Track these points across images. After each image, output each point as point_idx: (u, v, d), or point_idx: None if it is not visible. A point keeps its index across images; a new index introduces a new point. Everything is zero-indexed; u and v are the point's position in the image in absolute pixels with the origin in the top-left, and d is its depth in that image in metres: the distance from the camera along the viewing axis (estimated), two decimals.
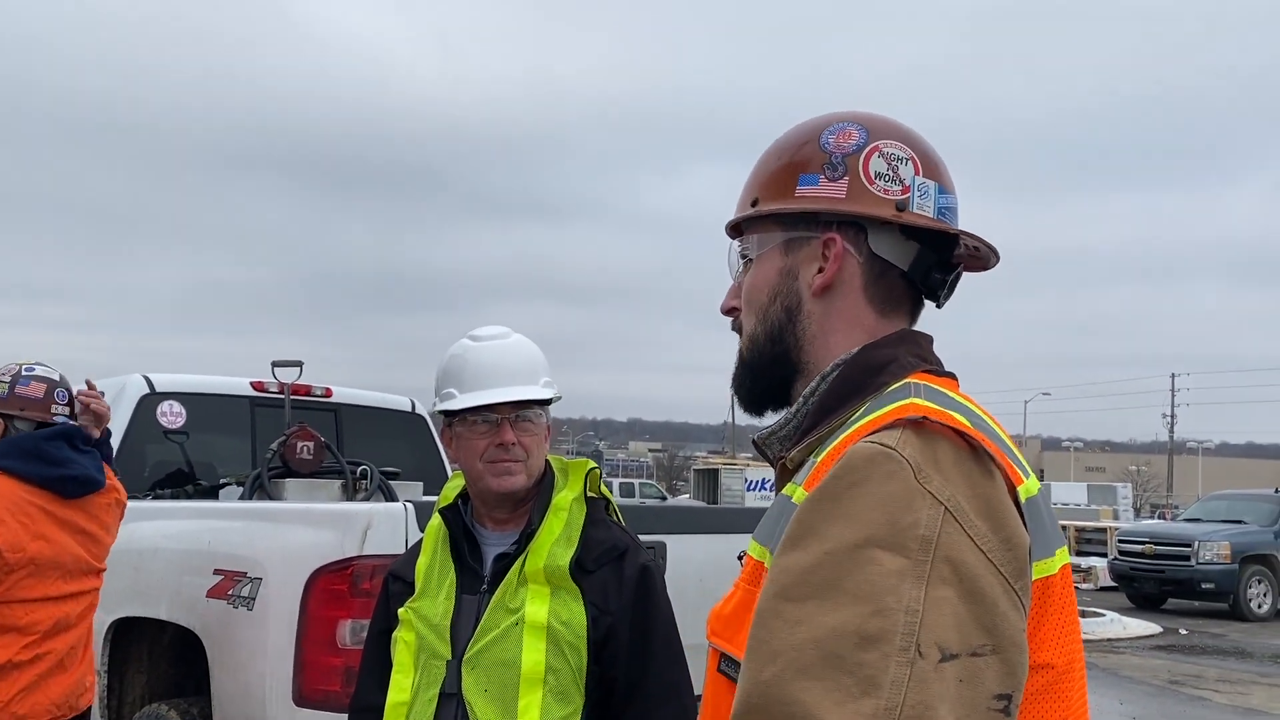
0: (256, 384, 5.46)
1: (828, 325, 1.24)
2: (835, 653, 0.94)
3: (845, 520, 0.98)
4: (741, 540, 4.31)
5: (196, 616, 3.63)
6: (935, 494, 0.99)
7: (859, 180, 1.22)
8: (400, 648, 2.09)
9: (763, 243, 1.28)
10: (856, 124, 1.26)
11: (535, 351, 2.19)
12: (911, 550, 0.96)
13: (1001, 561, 0.99)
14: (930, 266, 1.25)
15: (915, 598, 0.95)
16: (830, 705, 0.92)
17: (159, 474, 5.20)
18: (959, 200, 1.28)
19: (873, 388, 1.16)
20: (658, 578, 2.13)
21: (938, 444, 1.03)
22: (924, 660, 0.93)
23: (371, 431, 5.86)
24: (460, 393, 2.11)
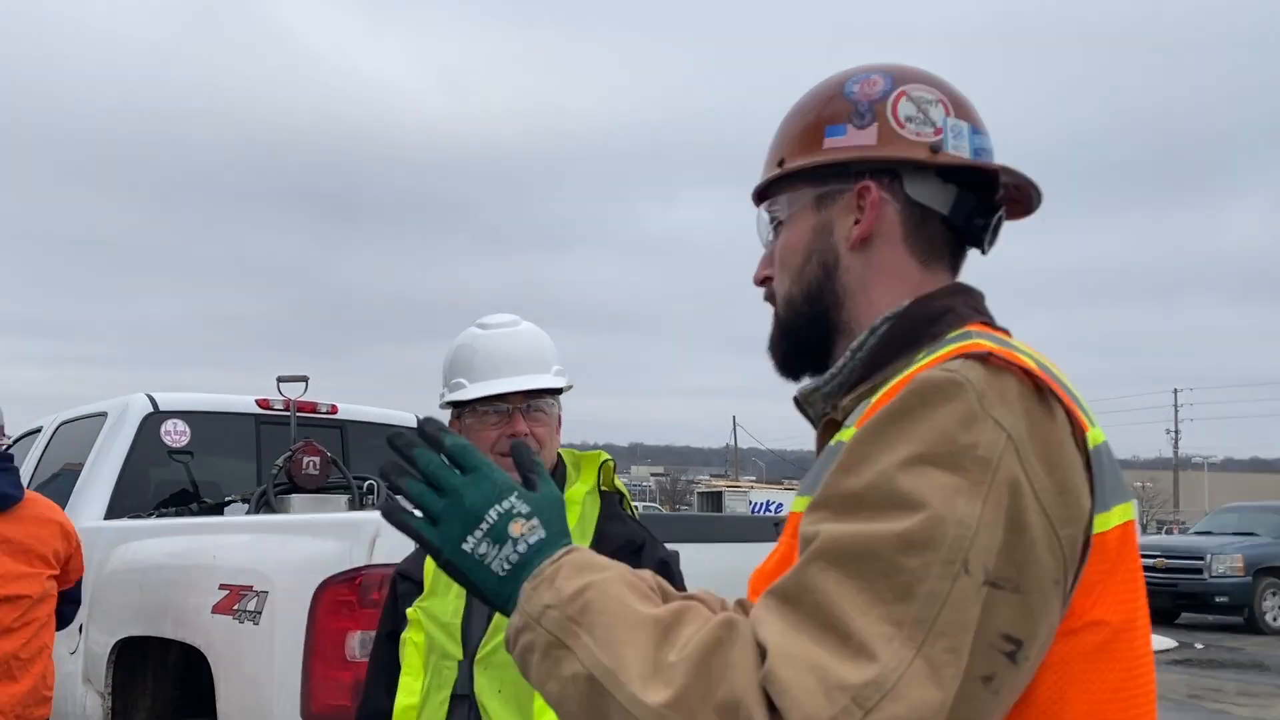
0: (262, 401, 5.41)
1: (868, 279, 1.20)
2: (874, 551, 0.90)
3: (899, 440, 0.94)
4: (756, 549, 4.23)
5: (202, 633, 3.56)
6: (998, 420, 0.95)
7: (889, 125, 1.19)
8: (409, 649, 2.02)
9: (793, 202, 1.25)
10: (880, 72, 1.23)
11: (545, 339, 2.14)
12: (968, 469, 0.92)
13: (1051, 505, 0.95)
14: (971, 210, 1.21)
15: (970, 513, 0.91)
16: (860, 604, 0.88)
17: (163, 493, 5.14)
18: (993, 143, 1.24)
19: (927, 338, 1.12)
20: (677, 572, 2.06)
21: (1003, 378, 0.99)
22: (968, 578, 0.89)
23: (378, 447, 5.80)
24: (470, 383, 2.05)
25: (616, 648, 0.93)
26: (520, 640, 1.00)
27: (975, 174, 1.20)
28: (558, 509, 1.07)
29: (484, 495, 1.02)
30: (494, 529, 1.02)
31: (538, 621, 0.98)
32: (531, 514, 1.03)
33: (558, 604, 0.97)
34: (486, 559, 1.02)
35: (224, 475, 5.53)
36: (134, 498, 4.92)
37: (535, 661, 0.99)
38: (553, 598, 0.98)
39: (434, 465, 1.04)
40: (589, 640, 0.94)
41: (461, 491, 1.02)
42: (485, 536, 1.01)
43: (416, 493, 1.03)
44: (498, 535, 1.02)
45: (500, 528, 1.02)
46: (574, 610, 0.96)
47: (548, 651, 0.97)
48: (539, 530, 1.03)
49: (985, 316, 1.18)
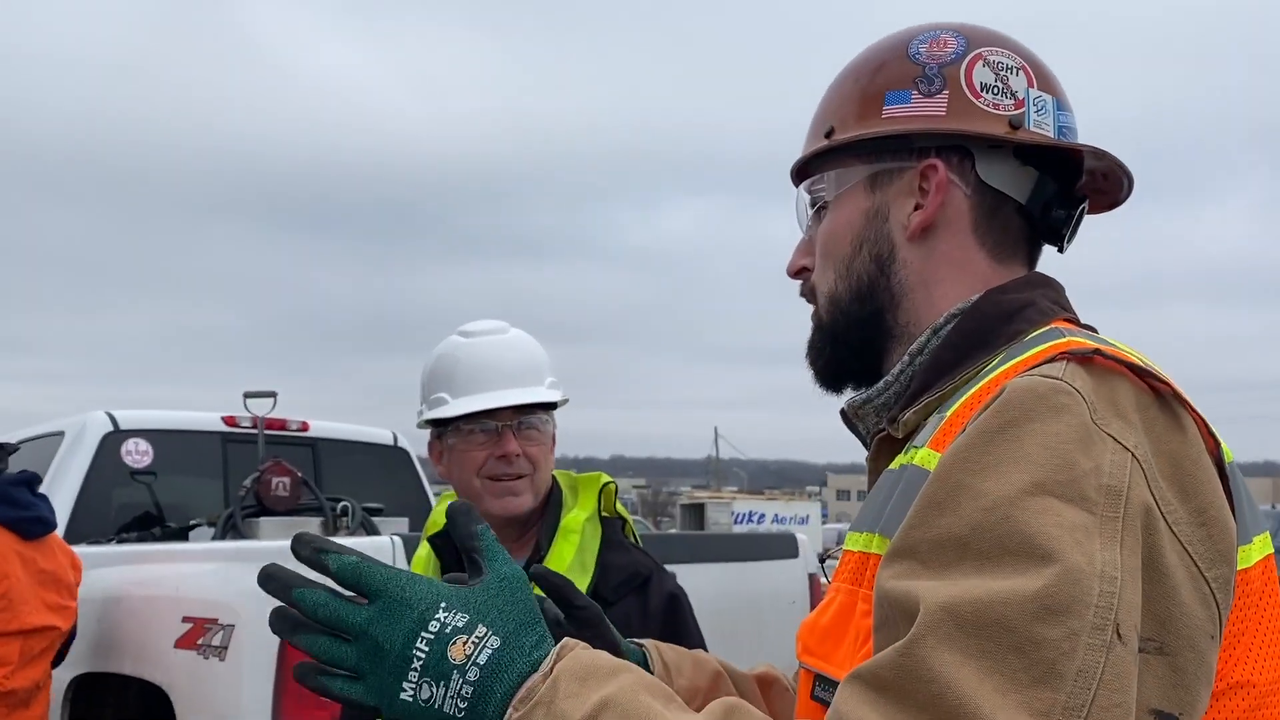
0: (228, 419, 5.16)
1: (930, 275, 1.00)
2: (1001, 621, 0.69)
3: (1006, 467, 0.75)
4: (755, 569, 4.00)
5: (163, 670, 3.31)
6: (1117, 438, 0.76)
7: (962, 94, 0.99)
8: None
9: (842, 180, 1.05)
10: (951, 31, 1.03)
11: (537, 348, 1.91)
12: (1096, 503, 0.73)
13: (1191, 540, 0.77)
14: (1051, 199, 1.01)
15: (1111, 561, 0.71)
16: (990, 692, 0.67)
17: (125, 516, 4.87)
18: (1078, 121, 1.05)
19: (1004, 337, 0.93)
20: (687, 606, 1.85)
21: (1114, 383, 0.80)
22: (1123, 645, 0.70)
23: (352, 466, 5.56)
24: (453, 397, 1.82)
25: None
26: None
27: (1057, 157, 1.01)
28: (510, 593, 0.80)
29: (402, 626, 0.76)
30: (429, 665, 0.76)
31: None
32: (473, 622, 0.77)
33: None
34: (435, 702, 0.76)
35: (189, 497, 5.27)
36: (93, 522, 4.66)
37: None
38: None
39: (325, 608, 0.78)
40: None
41: (371, 631, 0.76)
42: (423, 678, 0.76)
43: (318, 649, 0.78)
44: (437, 671, 0.76)
45: (437, 660, 0.76)
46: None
47: None
48: (489, 640, 0.76)
49: (1070, 312, 0.99)
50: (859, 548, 0.92)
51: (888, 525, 0.87)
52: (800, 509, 32.16)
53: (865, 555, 0.90)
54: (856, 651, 0.85)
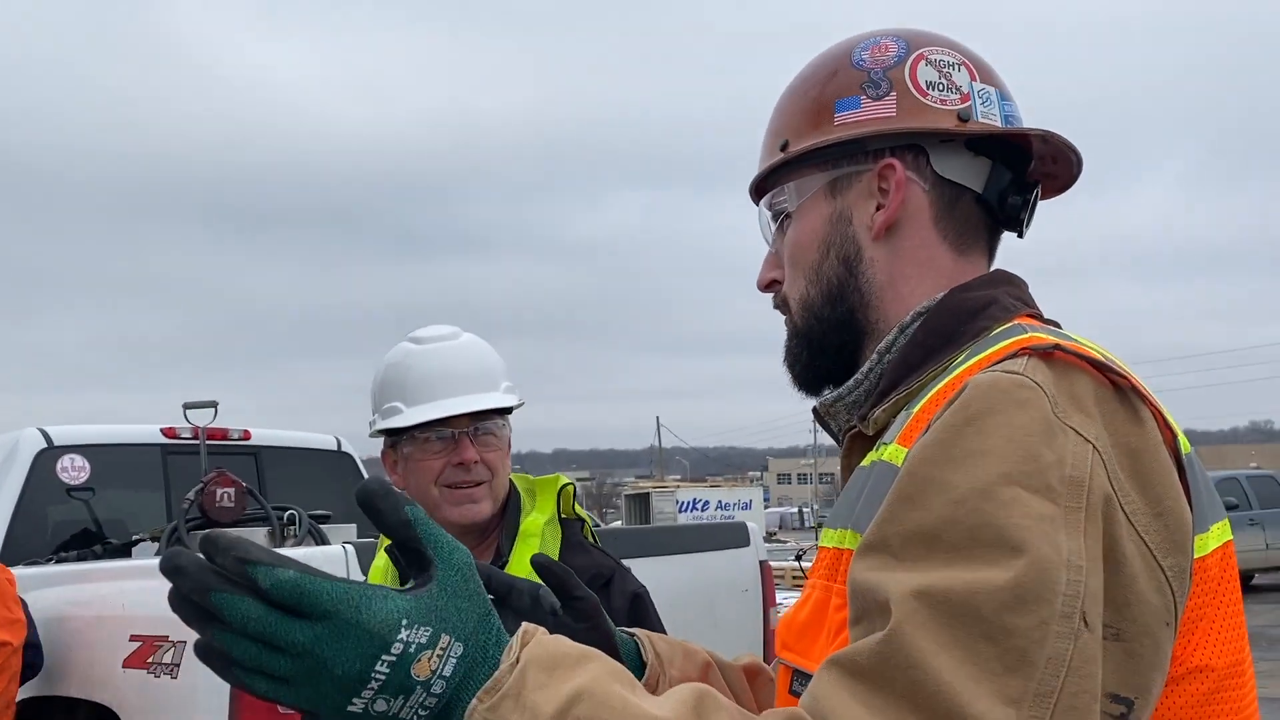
0: (168, 430, 5.05)
1: (897, 272, 1.03)
2: (975, 611, 0.72)
3: (972, 460, 0.77)
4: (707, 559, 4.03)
5: (112, 691, 3.25)
6: (1078, 430, 0.79)
7: (909, 93, 1.02)
8: None
9: (802, 190, 1.07)
10: (890, 36, 1.07)
11: (490, 352, 1.90)
12: (1060, 494, 0.76)
13: (1147, 530, 0.79)
14: (1006, 187, 1.04)
15: (1076, 550, 0.74)
16: (965, 679, 0.69)
17: (62, 535, 4.76)
18: (1021, 109, 1.08)
19: (969, 335, 0.95)
20: (650, 604, 1.85)
21: (1074, 377, 0.83)
22: (1089, 633, 0.73)
23: (296, 474, 5.48)
24: (407, 406, 1.80)
25: None
26: None
27: (1007, 146, 1.04)
28: (463, 586, 0.73)
29: (359, 650, 0.68)
30: (390, 683, 0.69)
31: None
32: (435, 634, 0.70)
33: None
34: (391, 712, 0.70)
35: (130, 512, 5.16)
36: (30, 542, 4.54)
37: None
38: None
39: (256, 623, 0.67)
40: None
41: (318, 652, 0.67)
42: (380, 694, 0.69)
43: (242, 653, 0.68)
44: (399, 687, 0.69)
45: (400, 679, 0.69)
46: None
47: None
48: (453, 649, 0.71)
49: (1033, 308, 1.01)
50: (833, 544, 0.93)
51: (859, 521, 0.88)
52: (743, 494, 32.40)
53: (839, 551, 0.91)
54: (830, 644, 0.86)
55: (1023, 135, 1.04)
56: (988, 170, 1.03)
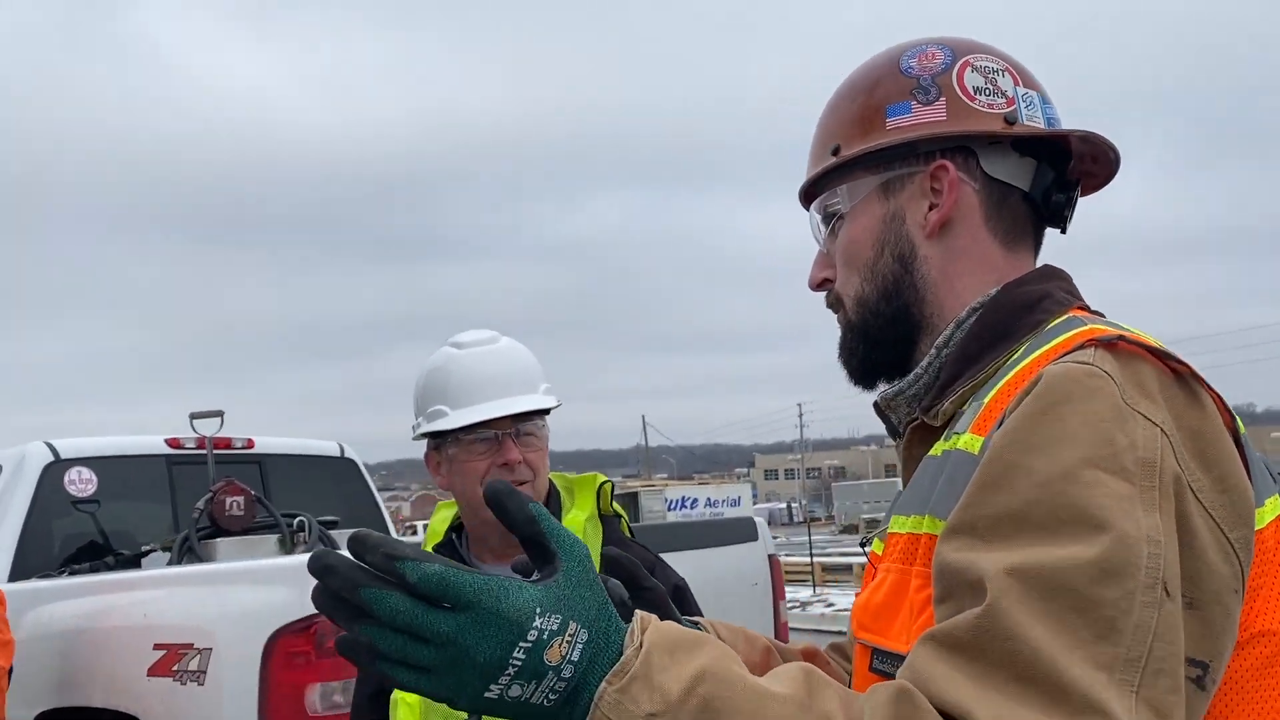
0: (172, 441, 5.06)
1: (950, 269, 1.08)
2: (1065, 584, 0.77)
3: (1052, 445, 0.82)
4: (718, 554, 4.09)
5: (136, 699, 3.27)
6: (1146, 415, 0.84)
7: (957, 98, 1.07)
8: (403, 711, 1.82)
9: (855, 192, 1.12)
10: (937, 45, 1.12)
11: (528, 355, 1.94)
12: (1134, 474, 0.81)
13: (1214, 505, 0.85)
14: (1050, 185, 1.10)
15: (1154, 526, 0.79)
16: (1059, 648, 0.75)
17: (69, 548, 4.76)
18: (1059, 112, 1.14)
19: (1026, 328, 1.01)
20: (691, 596, 1.90)
21: (1138, 365, 0.88)
22: (1171, 601, 0.78)
23: (299, 481, 5.50)
24: (452, 409, 1.85)
25: None
26: None
27: (1048, 147, 1.10)
28: (585, 575, 0.77)
29: (499, 639, 0.72)
30: (525, 669, 0.74)
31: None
32: (565, 622, 0.74)
33: (666, 709, 0.74)
34: (524, 697, 0.75)
35: (135, 523, 5.16)
36: (39, 556, 4.55)
37: None
38: (658, 703, 0.74)
39: (404, 615, 0.72)
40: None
41: (462, 641, 0.72)
42: (516, 679, 0.74)
43: (389, 646, 0.73)
44: (533, 673, 0.74)
45: (534, 664, 0.74)
46: (691, 713, 0.74)
47: None
48: (580, 635, 0.75)
49: (1082, 301, 1.07)
50: (907, 530, 0.98)
51: (938, 507, 0.93)
52: (731, 491, 32.45)
53: (915, 536, 0.96)
54: (913, 623, 0.91)
55: (1065, 136, 1.09)
56: (1033, 170, 1.09)
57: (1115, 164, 1.14)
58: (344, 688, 2.85)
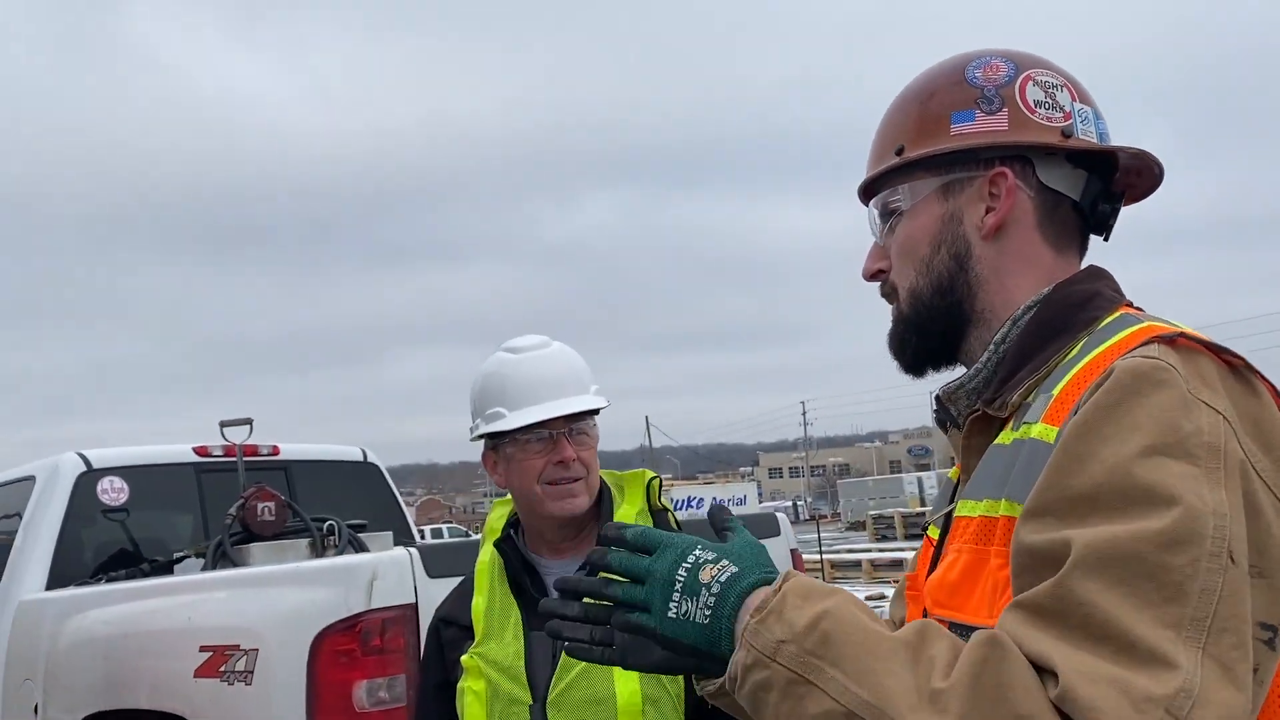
0: (200, 449, 5.15)
1: (1002, 268, 1.16)
2: (1136, 553, 0.85)
3: (1122, 433, 0.91)
4: None
5: (184, 700, 3.35)
6: (1209, 404, 0.92)
7: (1019, 110, 1.15)
8: (470, 699, 1.90)
9: (915, 191, 1.20)
10: (1001, 57, 1.20)
11: (578, 358, 2.03)
12: (1200, 457, 0.89)
13: (1275, 484, 0.93)
14: (1096, 196, 1.18)
15: (1220, 500, 0.87)
16: (1130, 610, 0.83)
17: (101, 556, 4.85)
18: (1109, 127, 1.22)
19: (1080, 324, 1.09)
20: None
21: (1198, 359, 0.97)
22: (1236, 568, 0.85)
23: (325, 486, 5.58)
24: (509, 410, 1.94)
25: (874, 679, 0.87)
26: (750, 679, 0.94)
27: (1098, 160, 1.18)
28: (750, 549, 1.05)
29: (671, 562, 1.03)
30: (686, 585, 1.01)
31: (772, 658, 0.93)
32: (719, 557, 1.03)
33: (792, 638, 0.93)
34: (688, 615, 1.01)
35: (165, 530, 5.26)
36: (74, 565, 4.64)
37: (773, 700, 0.93)
38: (785, 631, 0.93)
39: (624, 561, 1.05)
40: (838, 674, 0.89)
41: (653, 569, 1.03)
42: (682, 596, 1.01)
43: (626, 595, 1.04)
44: (691, 589, 1.01)
45: (692, 581, 1.01)
46: (813, 643, 0.92)
47: (788, 689, 0.92)
48: (728, 568, 1.02)
49: (1127, 299, 1.15)
50: (980, 513, 1.06)
51: (1015, 491, 1.01)
52: (737, 490, 32.54)
53: (991, 519, 1.04)
54: (996, 599, 0.99)
55: (1115, 151, 1.17)
56: (1084, 181, 1.17)
57: (1159, 178, 1.21)
58: (389, 684, 2.94)
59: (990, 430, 1.11)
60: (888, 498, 42.19)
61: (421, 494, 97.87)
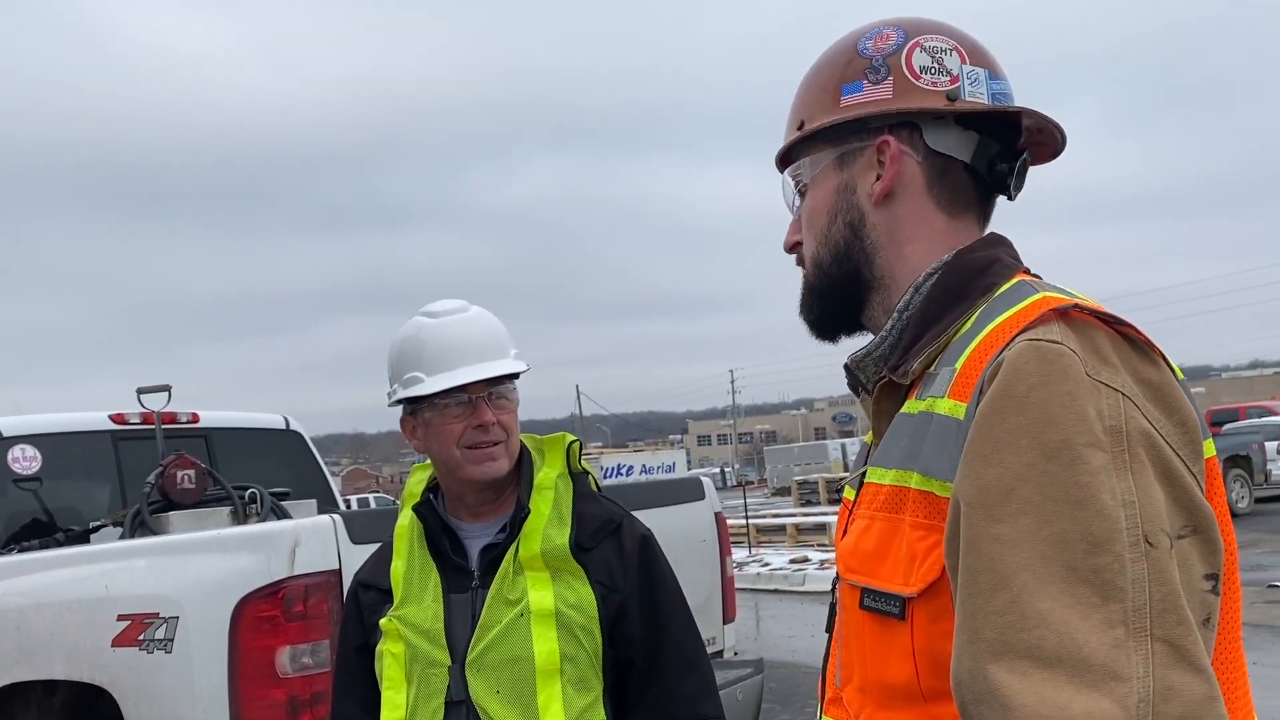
0: (117, 417, 5.05)
1: (896, 234, 1.19)
2: (1067, 565, 0.88)
3: (1035, 426, 0.93)
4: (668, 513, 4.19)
5: (102, 670, 3.31)
6: (1108, 384, 0.95)
7: (904, 78, 1.18)
8: (389, 661, 1.92)
9: (815, 164, 1.24)
10: (892, 26, 1.22)
11: (497, 323, 2.04)
12: (1105, 443, 0.92)
13: (1179, 445, 0.96)
14: (994, 156, 1.20)
15: (1127, 488, 0.90)
16: (1078, 619, 0.86)
17: (15, 526, 4.75)
18: (1012, 86, 1.23)
19: (978, 291, 1.11)
20: (657, 546, 2.03)
21: (1092, 334, 0.99)
22: (1156, 550, 0.89)
23: (246, 454, 5.52)
24: (427, 375, 1.94)
25: None
26: None
27: (996, 120, 1.19)
28: None
29: None
30: None
31: None
32: None
33: None
34: None
35: (79, 500, 5.15)
36: None
37: None
38: None
39: None
40: None
41: None
42: None
43: None
44: None
45: None
46: None
47: None
48: None
49: (1024, 265, 1.18)
50: (890, 481, 1.08)
51: (928, 465, 1.02)
52: (666, 458, 32.66)
53: (902, 489, 1.06)
54: (915, 569, 1.02)
55: (1008, 111, 1.18)
56: (975, 143, 1.18)
57: (1061, 136, 1.23)
58: (313, 650, 2.94)
59: (898, 396, 1.14)
60: (812, 464, 42.75)
61: (348, 464, 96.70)
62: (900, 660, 1.03)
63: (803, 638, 9.94)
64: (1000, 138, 1.20)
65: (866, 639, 1.08)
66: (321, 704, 2.87)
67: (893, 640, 1.04)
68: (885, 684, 1.06)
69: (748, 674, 4.23)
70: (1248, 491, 18.18)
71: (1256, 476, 18.52)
